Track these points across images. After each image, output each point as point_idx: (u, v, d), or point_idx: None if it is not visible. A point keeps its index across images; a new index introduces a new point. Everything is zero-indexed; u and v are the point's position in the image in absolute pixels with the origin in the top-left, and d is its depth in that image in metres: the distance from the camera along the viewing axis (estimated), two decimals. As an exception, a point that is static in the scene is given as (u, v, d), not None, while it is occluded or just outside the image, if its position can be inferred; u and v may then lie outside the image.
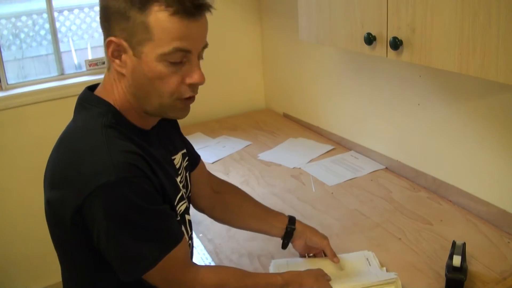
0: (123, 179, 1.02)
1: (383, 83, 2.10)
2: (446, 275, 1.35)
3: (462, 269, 1.34)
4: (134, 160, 1.06)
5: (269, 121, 2.90)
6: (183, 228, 1.22)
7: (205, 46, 1.14)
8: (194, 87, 1.13)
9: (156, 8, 1.03)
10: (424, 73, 1.87)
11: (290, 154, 2.39)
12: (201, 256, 1.61)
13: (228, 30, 2.92)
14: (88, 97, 1.19)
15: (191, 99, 1.15)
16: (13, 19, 2.69)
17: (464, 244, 1.43)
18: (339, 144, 2.46)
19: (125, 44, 1.07)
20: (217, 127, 2.84)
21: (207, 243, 1.68)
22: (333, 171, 2.16)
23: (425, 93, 1.89)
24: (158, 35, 1.03)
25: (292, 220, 1.50)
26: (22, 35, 2.72)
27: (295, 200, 1.93)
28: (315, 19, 1.85)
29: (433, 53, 1.34)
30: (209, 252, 1.62)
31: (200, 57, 1.14)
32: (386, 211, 1.80)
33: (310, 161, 2.30)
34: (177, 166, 1.32)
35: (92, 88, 1.23)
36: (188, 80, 1.10)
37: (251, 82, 3.12)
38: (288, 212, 1.82)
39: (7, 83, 2.55)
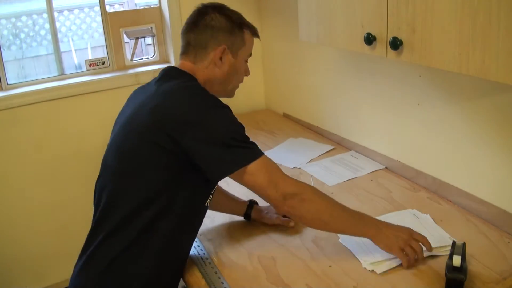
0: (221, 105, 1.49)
1: (383, 83, 2.10)
2: (446, 275, 1.35)
3: (462, 269, 1.34)
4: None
5: (269, 121, 2.90)
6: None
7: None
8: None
9: (246, 30, 1.60)
10: (424, 73, 1.87)
11: (290, 154, 2.39)
12: (202, 256, 1.61)
13: (228, 30, 2.91)
14: (177, 71, 1.55)
15: None
16: (13, 19, 2.70)
17: (464, 244, 1.43)
18: (339, 144, 2.46)
19: (227, 49, 1.55)
20: (217, 127, 2.83)
21: (207, 243, 1.68)
22: (333, 171, 2.16)
23: (425, 93, 1.89)
24: (248, 44, 1.60)
25: (251, 204, 1.81)
26: (22, 35, 2.72)
27: (295, 200, 1.93)
28: (315, 19, 1.85)
29: (433, 53, 1.34)
30: (209, 252, 1.62)
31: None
32: (386, 211, 1.80)
33: (310, 161, 2.30)
34: None
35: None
36: (246, 73, 1.65)
37: (251, 82, 3.09)
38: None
39: (7, 83, 2.55)
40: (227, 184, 2.08)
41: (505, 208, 1.64)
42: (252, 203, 1.80)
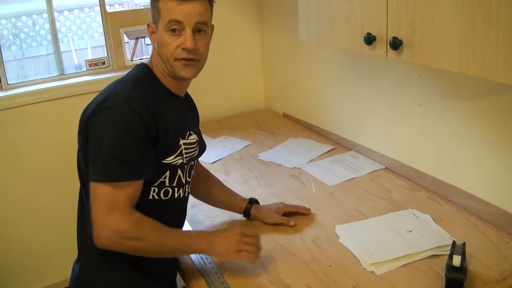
0: (127, 106, 1.36)
1: (383, 83, 2.10)
2: (446, 275, 1.35)
3: (462, 269, 1.34)
4: (139, 105, 1.38)
5: (269, 121, 2.90)
6: (167, 174, 1.49)
7: (200, 22, 1.44)
8: (187, 50, 1.43)
9: None
10: (424, 73, 1.87)
11: (290, 154, 2.39)
12: (202, 256, 1.60)
13: (228, 30, 2.92)
14: (139, 64, 1.56)
15: (188, 61, 1.46)
16: (13, 19, 2.70)
17: (464, 244, 1.43)
18: (339, 144, 2.46)
19: (153, 25, 1.48)
20: (217, 127, 2.84)
21: (207, 243, 1.68)
22: (333, 171, 2.16)
23: (425, 93, 1.89)
24: (163, 13, 1.42)
25: (251, 202, 1.80)
26: (22, 35, 2.72)
27: (295, 200, 1.93)
28: (315, 19, 1.85)
29: (433, 53, 1.34)
30: (209, 252, 1.62)
31: (195, 30, 1.44)
32: (386, 211, 1.80)
33: (310, 161, 2.30)
34: (193, 141, 1.58)
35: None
36: (182, 45, 1.43)
37: (251, 82, 3.13)
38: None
39: (7, 83, 2.55)
40: (227, 180, 2.09)
41: (505, 208, 1.64)
42: (252, 201, 1.80)
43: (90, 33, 2.88)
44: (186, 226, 1.76)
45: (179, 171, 1.53)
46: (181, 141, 1.52)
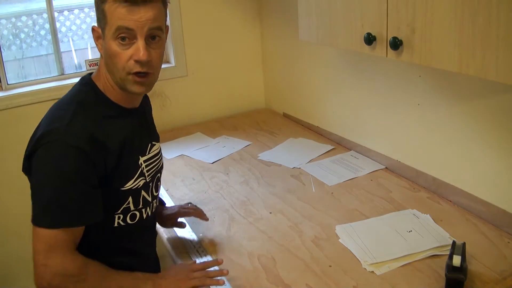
0: (65, 144, 1.24)
1: (383, 83, 2.10)
2: (446, 275, 1.35)
3: (462, 269, 1.34)
4: (80, 140, 1.25)
5: (269, 121, 2.90)
6: (130, 199, 1.39)
7: (155, 28, 1.27)
8: (140, 63, 1.27)
9: None
10: (424, 73, 1.87)
11: (290, 154, 2.40)
12: (202, 256, 1.61)
13: (228, 30, 2.92)
14: (84, 77, 1.42)
15: (142, 75, 1.30)
16: (13, 19, 2.70)
17: (464, 244, 1.43)
18: (339, 144, 2.46)
19: (99, 30, 1.31)
20: (217, 127, 2.84)
21: (207, 243, 1.68)
22: (333, 171, 2.16)
23: (425, 93, 1.89)
24: (110, 18, 1.25)
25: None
26: (22, 35, 2.72)
27: (295, 200, 1.93)
28: (315, 19, 1.85)
29: (433, 53, 1.34)
30: (210, 252, 1.62)
31: (148, 37, 1.27)
32: (386, 211, 1.80)
33: (310, 161, 2.30)
34: (155, 153, 1.51)
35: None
36: (134, 57, 1.26)
37: (251, 82, 3.12)
38: (288, 212, 1.83)
39: (7, 83, 2.55)
40: (227, 181, 2.09)
41: (505, 208, 1.64)
42: (160, 203, 1.75)
43: (90, 33, 2.88)
44: (187, 227, 1.76)
45: (143, 192, 1.44)
46: (141, 160, 1.43)
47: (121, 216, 1.39)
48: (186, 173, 2.23)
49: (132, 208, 1.41)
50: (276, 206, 1.90)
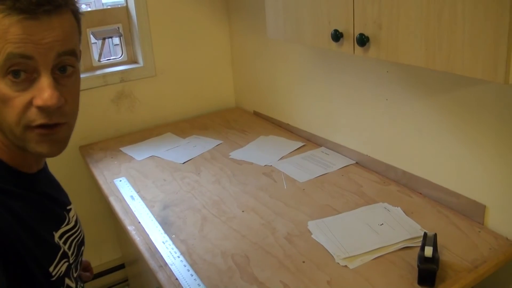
0: None
1: (352, 79, 2.11)
2: (418, 266, 1.36)
3: (434, 260, 1.36)
4: None
5: (240, 120, 2.90)
6: None
7: (67, 53, 0.87)
8: (46, 111, 0.85)
9: None
10: (391, 69, 1.89)
11: (261, 152, 2.40)
12: (175, 258, 1.60)
13: (196, 29, 2.90)
14: None
15: (49, 129, 0.88)
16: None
17: (435, 235, 1.45)
18: (310, 141, 2.47)
19: None
20: (187, 127, 2.83)
21: (180, 244, 1.67)
22: (304, 168, 2.17)
23: (392, 89, 1.91)
24: None
25: None
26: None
27: (267, 198, 1.93)
28: (282, 16, 1.86)
29: (400, 49, 1.36)
30: (182, 253, 1.61)
31: (56, 69, 0.88)
32: (357, 206, 1.82)
33: (281, 158, 2.31)
34: (73, 215, 1.16)
35: None
36: (35, 101, 0.84)
37: (220, 81, 3.12)
38: (261, 210, 1.83)
39: None
40: (198, 180, 2.08)
41: (475, 199, 1.67)
42: None
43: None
44: (159, 229, 1.75)
45: (66, 281, 1.04)
46: (56, 236, 1.03)
47: None
48: (157, 174, 2.21)
49: None
50: (249, 204, 1.90)
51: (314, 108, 2.41)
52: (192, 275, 1.50)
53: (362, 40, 1.45)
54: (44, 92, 0.83)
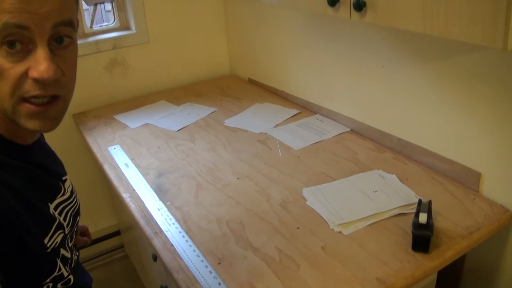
0: None
1: (348, 46, 2.09)
2: (412, 232, 1.37)
3: (429, 226, 1.36)
4: None
5: (234, 87, 2.88)
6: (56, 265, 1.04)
7: (64, 23, 0.85)
8: (41, 83, 0.84)
9: None
10: (387, 36, 1.87)
11: (256, 119, 2.39)
12: (170, 224, 1.60)
13: (189, -5, 2.87)
14: None
15: (43, 105, 0.88)
16: None
17: (430, 201, 1.45)
18: (305, 108, 2.46)
19: None
20: (181, 94, 2.81)
21: (175, 211, 1.67)
22: (299, 135, 2.17)
23: (389, 55, 1.89)
24: None
25: None
26: None
27: (262, 165, 1.93)
28: (278, -19, 1.83)
29: (397, 13, 1.34)
30: (178, 220, 1.62)
31: (53, 40, 0.86)
32: (352, 173, 1.82)
33: (276, 125, 2.30)
34: (69, 185, 1.17)
35: None
36: (31, 73, 0.83)
37: (215, 48, 3.09)
38: (255, 177, 1.84)
39: None
40: (193, 148, 2.07)
41: (470, 166, 1.67)
42: None
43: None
44: (154, 196, 1.75)
45: (62, 251, 1.06)
46: (51, 207, 1.05)
47: (50, 285, 1.03)
48: (151, 142, 2.20)
49: (47, 280, 1.02)
50: (243, 172, 1.89)
51: (309, 75, 2.40)
52: (187, 241, 1.51)
53: (359, 5, 1.43)
54: (40, 64, 0.82)
